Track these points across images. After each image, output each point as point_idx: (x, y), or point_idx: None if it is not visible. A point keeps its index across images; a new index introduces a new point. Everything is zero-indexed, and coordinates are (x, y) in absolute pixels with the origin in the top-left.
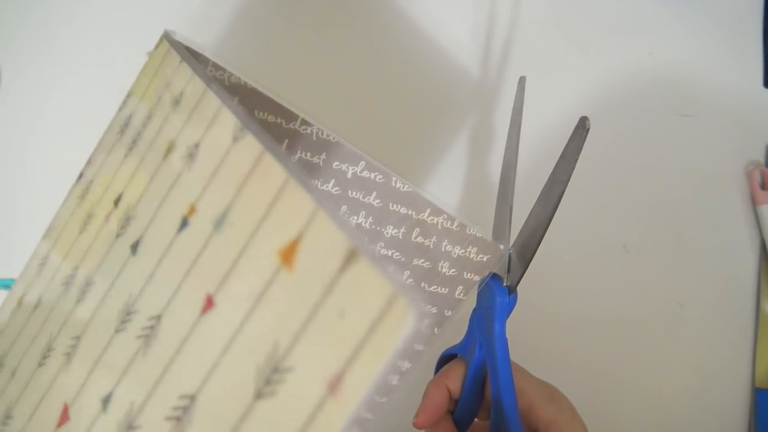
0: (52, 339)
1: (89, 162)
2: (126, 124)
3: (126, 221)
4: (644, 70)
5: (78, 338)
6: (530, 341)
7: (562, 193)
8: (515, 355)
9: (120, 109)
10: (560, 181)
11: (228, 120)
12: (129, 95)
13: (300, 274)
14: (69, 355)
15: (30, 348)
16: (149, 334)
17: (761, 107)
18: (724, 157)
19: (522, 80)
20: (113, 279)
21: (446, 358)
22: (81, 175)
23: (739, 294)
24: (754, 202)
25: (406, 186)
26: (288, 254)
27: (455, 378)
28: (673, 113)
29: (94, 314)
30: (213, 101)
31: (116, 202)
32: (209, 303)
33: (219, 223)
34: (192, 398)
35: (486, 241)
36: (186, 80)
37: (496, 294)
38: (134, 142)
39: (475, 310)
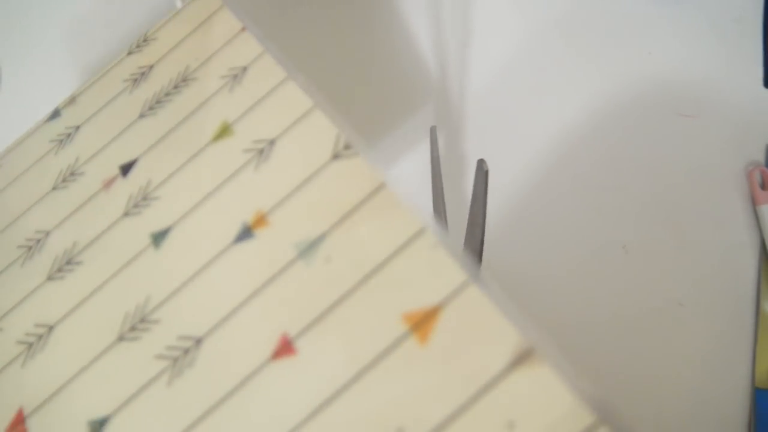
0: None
1: (73, 101)
2: (144, 75)
3: (144, 200)
4: (644, 70)
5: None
6: None
7: (483, 234)
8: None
9: (130, 52)
10: (477, 224)
11: (325, 129)
12: (147, 40)
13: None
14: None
15: None
16: (182, 359)
17: (761, 107)
18: (724, 157)
19: (433, 130)
20: (121, 267)
21: None
22: (58, 113)
23: (739, 294)
24: (754, 202)
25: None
26: (421, 324)
27: None
28: (673, 113)
29: (80, 305)
30: (298, 97)
31: (124, 169)
32: (286, 347)
33: (305, 251)
34: None
35: None
36: (252, 55)
37: None
38: (158, 102)
39: None
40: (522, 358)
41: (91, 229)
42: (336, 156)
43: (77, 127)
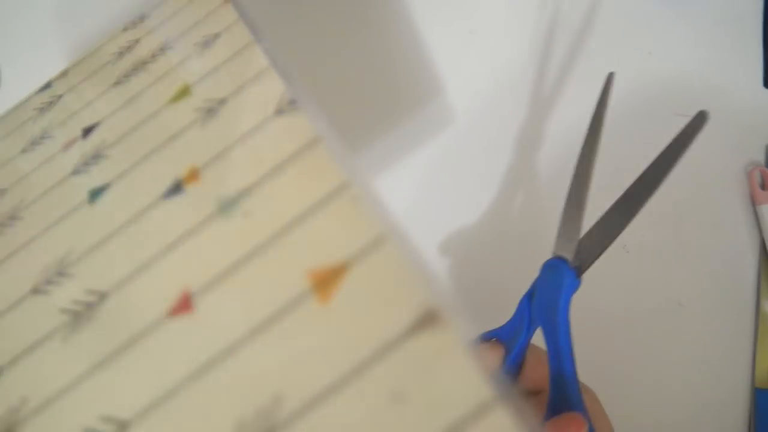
0: None
1: (64, 74)
2: (129, 48)
3: (93, 159)
4: (644, 70)
5: None
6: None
7: (658, 185)
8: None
9: (125, 29)
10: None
11: (273, 87)
12: (142, 18)
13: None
14: None
15: None
16: (84, 314)
17: (761, 107)
18: (724, 157)
19: (611, 76)
20: (49, 224)
21: (483, 342)
22: (49, 85)
23: (739, 294)
24: (754, 202)
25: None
26: (325, 283)
27: (493, 361)
28: (673, 113)
29: (8, 257)
30: (257, 58)
31: (86, 131)
32: (185, 304)
33: (227, 206)
34: None
35: None
36: (227, 23)
37: (565, 275)
38: (134, 70)
39: (529, 294)
40: (423, 324)
41: (39, 187)
42: (279, 111)
43: (60, 96)
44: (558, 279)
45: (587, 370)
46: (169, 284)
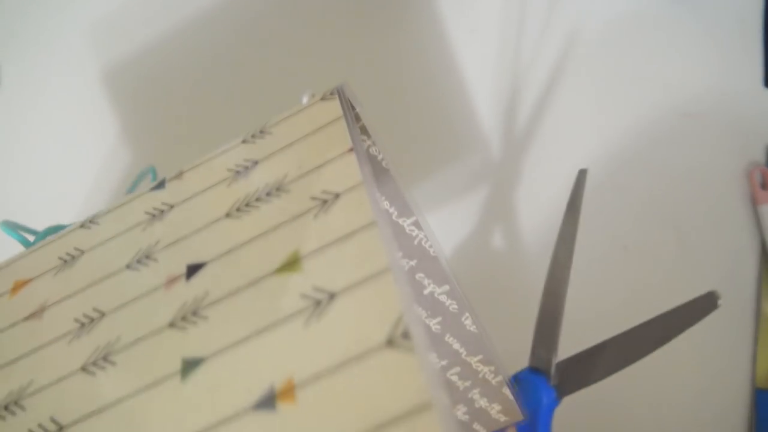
0: None
1: (180, 176)
2: (246, 169)
3: (193, 315)
4: (644, 70)
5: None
6: (529, 341)
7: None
8: (515, 354)
9: (245, 141)
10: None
11: (390, 303)
12: (263, 132)
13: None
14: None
15: None
16: None
17: (761, 107)
18: (724, 157)
19: (583, 173)
20: (138, 388)
21: None
22: (162, 185)
23: (739, 294)
24: (754, 202)
25: (474, 326)
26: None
27: None
28: (674, 113)
29: (92, 414)
30: (378, 252)
31: (191, 271)
32: None
33: None
34: None
35: (513, 404)
36: (348, 183)
37: (543, 394)
38: (246, 205)
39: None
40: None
41: (138, 330)
42: (390, 343)
43: (171, 206)
44: (536, 396)
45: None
46: None
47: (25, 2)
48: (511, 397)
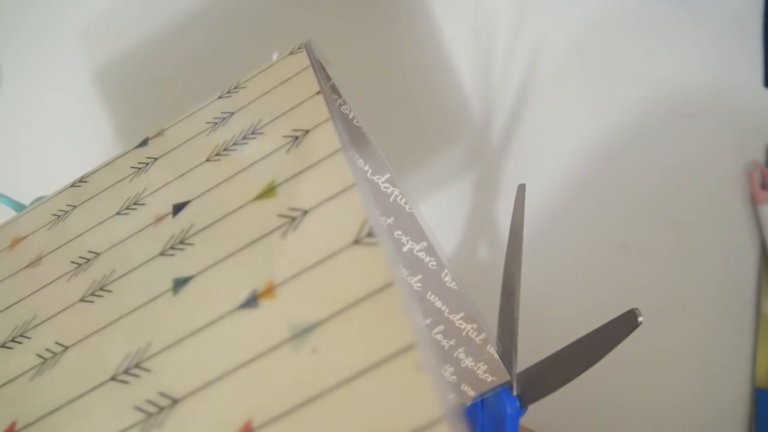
0: None
1: (161, 133)
2: (223, 120)
3: (180, 243)
4: (644, 70)
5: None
6: (529, 341)
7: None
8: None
9: (220, 96)
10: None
11: (355, 211)
12: (237, 87)
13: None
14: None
15: None
16: (155, 418)
17: (761, 107)
18: (724, 157)
19: (521, 189)
20: (136, 306)
21: None
22: (145, 142)
23: (739, 294)
24: (754, 202)
25: (453, 283)
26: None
27: None
28: (673, 113)
29: (94, 334)
30: (343, 172)
31: (176, 209)
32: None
33: (298, 335)
34: None
35: (499, 363)
36: (316, 120)
37: (507, 404)
38: (225, 149)
39: (472, 409)
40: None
41: (130, 262)
42: (356, 241)
43: (155, 159)
44: (500, 406)
45: (587, 370)
46: (235, 410)
47: (26, 2)
48: (496, 356)
